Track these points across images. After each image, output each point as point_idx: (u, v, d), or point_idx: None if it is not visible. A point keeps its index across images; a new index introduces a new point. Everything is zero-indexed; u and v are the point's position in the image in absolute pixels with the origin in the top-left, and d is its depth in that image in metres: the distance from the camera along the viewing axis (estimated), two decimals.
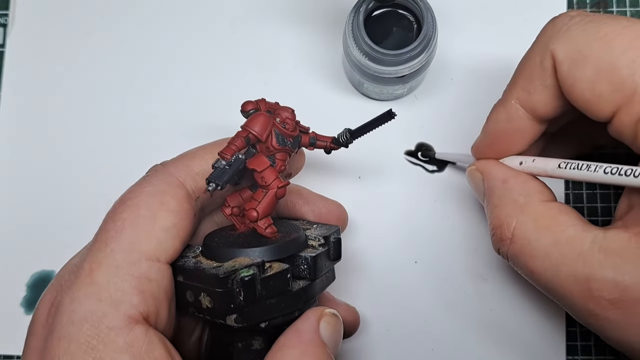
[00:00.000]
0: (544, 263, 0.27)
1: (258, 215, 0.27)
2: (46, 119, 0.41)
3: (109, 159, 0.40)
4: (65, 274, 0.26)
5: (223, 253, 0.26)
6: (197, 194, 0.28)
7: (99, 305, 0.24)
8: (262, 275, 0.25)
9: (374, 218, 0.38)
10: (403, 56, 0.33)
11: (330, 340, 0.27)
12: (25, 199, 0.40)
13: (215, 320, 0.26)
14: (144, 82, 0.41)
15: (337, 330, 0.27)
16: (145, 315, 0.25)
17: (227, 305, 0.25)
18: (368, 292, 0.38)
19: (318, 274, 0.28)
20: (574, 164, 0.28)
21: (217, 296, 0.25)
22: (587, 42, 0.26)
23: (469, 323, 0.37)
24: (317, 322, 0.26)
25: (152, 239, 0.26)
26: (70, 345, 0.23)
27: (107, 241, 0.25)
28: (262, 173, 0.27)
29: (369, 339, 0.37)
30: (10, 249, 0.39)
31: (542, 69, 0.27)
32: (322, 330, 0.26)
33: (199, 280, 0.26)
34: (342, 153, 0.33)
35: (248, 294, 0.25)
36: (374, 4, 0.35)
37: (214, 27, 0.41)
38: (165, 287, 0.26)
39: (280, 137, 0.28)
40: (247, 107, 0.28)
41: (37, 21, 0.42)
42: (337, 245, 0.29)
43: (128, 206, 0.26)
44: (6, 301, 0.39)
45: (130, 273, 0.25)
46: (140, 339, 0.24)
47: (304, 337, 0.26)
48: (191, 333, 0.31)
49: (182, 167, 0.28)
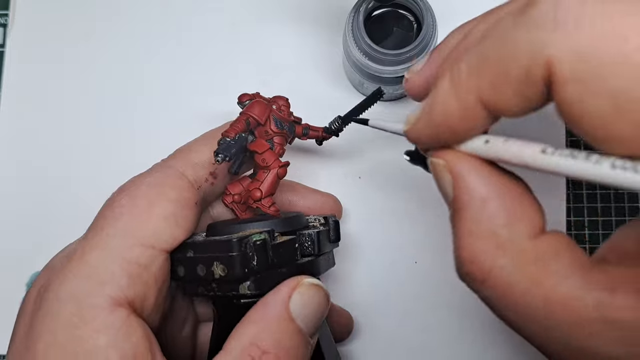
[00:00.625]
0: (528, 322, 0.21)
1: (262, 194, 0.29)
2: (46, 119, 0.41)
3: (109, 159, 0.40)
4: (58, 259, 0.27)
5: (230, 229, 0.27)
6: (198, 183, 0.29)
7: (86, 283, 0.24)
8: (272, 242, 0.26)
9: (374, 218, 0.38)
10: (403, 56, 0.34)
11: (302, 313, 0.25)
12: (25, 198, 0.40)
13: (227, 293, 0.26)
14: (143, 82, 0.41)
15: (314, 302, 0.26)
16: (131, 299, 0.25)
17: (242, 270, 0.25)
18: (368, 292, 0.38)
19: (322, 250, 0.29)
20: (566, 152, 0.18)
21: (231, 261, 0.25)
22: (609, 53, 0.16)
23: (469, 323, 0.37)
24: (288, 294, 0.25)
25: (149, 225, 0.26)
26: (53, 322, 0.24)
27: (103, 226, 0.26)
28: (262, 155, 0.29)
29: (369, 339, 0.37)
30: (10, 249, 0.39)
31: (526, 78, 0.18)
32: (293, 303, 0.25)
33: (212, 250, 0.26)
34: (342, 153, 0.33)
35: (261, 258, 0.25)
36: (374, 4, 0.35)
37: (214, 27, 0.41)
38: (156, 275, 0.26)
39: (278, 121, 0.30)
40: (243, 98, 0.30)
41: (37, 21, 0.42)
42: (336, 226, 0.30)
43: (127, 194, 0.27)
44: (6, 301, 0.39)
45: (121, 256, 0.25)
46: (120, 322, 0.24)
47: (267, 311, 0.25)
48: (181, 329, 0.31)
49: (180, 158, 0.29)
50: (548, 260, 0.20)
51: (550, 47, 0.17)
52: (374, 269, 0.38)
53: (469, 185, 0.21)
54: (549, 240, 0.21)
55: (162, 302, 0.27)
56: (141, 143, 0.40)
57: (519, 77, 0.18)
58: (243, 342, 0.24)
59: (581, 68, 0.16)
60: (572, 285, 0.19)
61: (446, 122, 0.21)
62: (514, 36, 0.18)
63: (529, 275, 0.20)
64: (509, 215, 0.21)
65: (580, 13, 0.17)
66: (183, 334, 0.31)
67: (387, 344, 0.37)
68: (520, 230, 0.21)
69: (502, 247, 0.20)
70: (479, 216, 0.21)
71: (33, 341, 0.24)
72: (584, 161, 0.18)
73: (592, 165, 0.18)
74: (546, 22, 0.17)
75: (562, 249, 0.20)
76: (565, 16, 0.17)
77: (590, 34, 0.16)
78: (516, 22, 0.18)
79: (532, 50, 0.17)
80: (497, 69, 0.19)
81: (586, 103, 0.17)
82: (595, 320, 0.19)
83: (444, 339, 0.37)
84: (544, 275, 0.20)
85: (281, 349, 0.24)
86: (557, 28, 0.17)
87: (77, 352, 0.23)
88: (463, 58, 0.20)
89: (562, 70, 0.17)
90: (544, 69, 0.17)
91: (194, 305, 0.32)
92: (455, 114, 0.21)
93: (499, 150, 0.21)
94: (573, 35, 0.17)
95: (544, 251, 0.20)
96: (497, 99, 0.19)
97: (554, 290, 0.20)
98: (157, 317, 0.27)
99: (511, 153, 0.20)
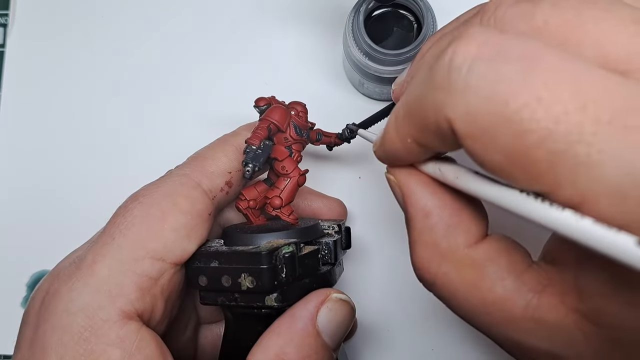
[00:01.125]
0: (473, 320, 0.23)
1: (282, 202, 0.29)
2: (46, 119, 0.41)
3: (109, 159, 0.40)
4: (66, 265, 0.26)
5: (252, 238, 0.27)
6: (214, 193, 0.29)
7: (96, 297, 0.24)
8: (299, 253, 0.26)
9: (374, 218, 0.38)
10: (403, 56, 0.34)
11: (329, 328, 0.25)
12: (26, 199, 0.40)
13: (252, 304, 0.26)
14: (143, 82, 0.41)
15: (341, 317, 0.26)
16: (141, 312, 0.25)
17: (271, 282, 0.25)
18: (368, 292, 0.38)
19: (338, 259, 0.29)
20: (472, 176, 0.21)
21: (261, 274, 0.25)
22: (494, 114, 0.17)
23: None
24: (317, 308, 0.25)
25: (160, 238, 0.25)
26: (64, 336, 0.23)
27: (114, 235, 0.25)
28: (283, 162, 0.29)
29: (369, 339, 0.37)
30: (10, 249, 0.39)
31: (438, 130, 0.20)
32: (321, 317, 0.25)
33: (239, 261, 0.26)
34: (342, 153, 0.33)
35: (290, 270, 0.25)
36: (374, 4, 0.35)
37: (214, 27, 0.41)
38: (165, 287, 0.26)
39: (297, 128, 0.30)
40: (260, 102, 0.30)
41: (37, 21, 0.42)
42: (348, 233, 0.30)
43: (140, 203, 0.26)
44: (6, 301, 0.39)
45: (132, 269, 0.25)
46: (132, 335, 0.24)
47: (295, 325, 0.25)
48: (184, 331, 0.31)
49: (195, 167, 0.29)
50: (484, 265, 0.22)
51: (447, 108, 0.19)
52: (373, 268, 0.38)
53: (415, 200, 0.24)
54: (486, 246, 0.23)
55: (169, 311, 0.27)
56: (141, 142, 0.40)
57: (434, 128, 0.20)
58: (269, 355, 0.24)
59: (473, 127, 0.18)
60: (505, 287, 0.22)
61: (395, 153, 0.23)
62: (424, 93, 0.20)
63: (467, 279, 0.22)
64: (448, 226, 0.23)
65: (469, 75, 0.18)
66: (185, 336, 0.31)
67: (388, 344, 0.37)
68: (458, 239, 0.23)
69: (444, 255, 0.23)
70: (423, 228, 0.23)
71: (43, 353, 0.24)
72: (489, 185, 0.20)
73: (496, 190, 0.20)
74: (443, 83, 0.19)
75: (499, 253, 0.22)
76: (456, 78, 0.18)
77: (476, 96, 0.18)
78: (427, 77, 0.20)
79: (436, 108, 0.19)
80: (418, 119, 0.21)
81: (482, 156, 0.18)
82: (524, 319, 0.21)
83: (444, 338, 0.37)
84: (480, 279, 0.22)
85: None
86: (450, 90, 0.18)
87: None
88: (400, 100, 0.22)
89: (459, 128, 0.18)
90: (447, 124, 0.19)
91: (196, 308, 0.32)
92: (400, 148, 0.23)
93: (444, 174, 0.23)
94: (463, 97, 0.18)
95: (480, 257, 0.22)
96: (426, 142, 0.21)
97: (490, 293, 0.22)
98: (164, 325, 0.27)
99: (447, 178, 0.23)
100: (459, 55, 0.18)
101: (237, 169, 0.30)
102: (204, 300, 0.27)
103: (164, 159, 0.30)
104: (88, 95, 0.41)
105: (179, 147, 0.31)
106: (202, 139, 0.31)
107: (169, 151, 0.31)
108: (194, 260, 0.27)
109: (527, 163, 0.17)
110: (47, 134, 0.40)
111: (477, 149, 0.18)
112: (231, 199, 0.30)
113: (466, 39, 0.19)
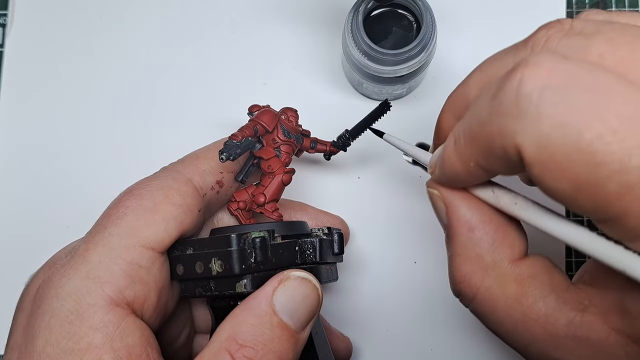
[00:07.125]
0: (510, 335, 0.23)
1: (266, 199, 0.29)
2: (46, 119, 0.41)
3: (109, 159, 0.40)
4: (62, 255, 0.27)
5: (232, 230, 0.27)
6: (204, 190, 0.29)
7: (86, 282, 0.24)
8: (272, 242, 0.26)
9: (373, 218, 0.38)
10: (402, 56, 0.33)
11: (287, 306, 0.25)
12: (25, 199, 0.40)
13: (224, 292, 0.26)
14: (143, 83, 0.41)
15: (301, 296, 0.25)
16: (130, 300, 0.25)
17: (239, 266, 0.25)
18: (368, 292, 0.38)
19: (323, 258, 0.28)
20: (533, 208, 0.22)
21: (229, 257, 0.25)
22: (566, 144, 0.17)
23: (469, 323, 0.37)
24: (274, 288, 0.25)
25: (151, 227, 0.26)
26: (51, 319, 0.24)
27: (106, 225, 0.26)
28: (268, 161, 0.30)
29: (369, 339, 0.37)
30: (10, 249, 0.39)
31: (505, 155, 0.20)
32: (278, 296, 0.25)
33: (211, 246, 0.26)
34: (342, 153, 0.33)
35: (259, 255, 0.25)
36: (373, 4, 0.35)
37: (213, 27, 0.41)
38: (156, 276, 0.26)
39: (285, 130, 0.30)
40: (254, 109, 0.31)
41: (37, 21, 0.42)
42: (340, 238, 0.30)
43: (133, 195, 0.27)
44: (6, 301, 0.39)
45: (122, 257, 0.25)
46: (116, 321, 0.24)
47: (249, 305, 0.25)
48: (177, 338, 0.31)
49: (189, 164, 0.29)
50: (527, 281, 0.23)
51: (516, 135, 0.19)
52: (373, 269, 0.38)
53: (459, 214, 0.24)
54: (528, 263, 0.23)
55: (163, 304, 0.27)
56: (140, 142, 0.40)
57: (500, 153, 0.20)
58: (222, 337, 0.24)
59: (544, 155, 0.18)
60: (547, 305, 0.22)
61: (456, 177, 0.24)
62: (489, 120, 0.20)
63: (510, 294, 0.23)
64: (493, 241, 0.23)
65: (540, 102, 0.18)
66: (178, 343, 0.31)
67: (388, 344, 0.37)
68: (503, 254, 0.23)
69: (487, 269, 0.23)
70: (467, 241, 0.24)
71: (32, 337, 0.24)
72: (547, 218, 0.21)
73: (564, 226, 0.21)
74: (511, 109, 0.19)
75: (541, 271, 0.23)
76: (526, 105, 0.18)
77: (549, 125, 0.18)
78: (491, 104, 0.20)
79: (503, 135, 0.19)
80: (483, 144, 0.21)
81: (550, 183, 0.19)
82: (566, 337, 0.22)
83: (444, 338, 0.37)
84: (523, 295, 0.23)
85: (260, 343, 0.24)
86: (520, 117, 0.18)
87: (73, 349, 0.23)
88: (460, 124, 0.22)
89: (528, 155, 0.18)
90: (515, 150, 0.19)
91: (192, 315, 0.32)
92: (461, 171, 0.23)
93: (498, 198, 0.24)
94: (534, 125, 0.18)
95: (523, 273, 0.23)
96: (490, 167, 0.21)
97: (532, 309, 0.22)
98: (158, 319, 0.27)
99: (502, 203, 0.24)
100: (528, 81, 0.18)
101: (228, 170, 0.30)
102: (184, 293, 0.28)
103: (164, 159, 0.31)
104: (87, 96, 0.41)
105: (177, 147, 0.31)
106: (200, 138, 0.32)
107: (168, 151, 0.31)
108: (173, 250, 0.27)
109: (596, 193, 0.18)
110: (47, 134, 0.40)
111: (546, 177, 0.18)
112: (222, 200, 0.31)
113: (534, 65, 0.18)
